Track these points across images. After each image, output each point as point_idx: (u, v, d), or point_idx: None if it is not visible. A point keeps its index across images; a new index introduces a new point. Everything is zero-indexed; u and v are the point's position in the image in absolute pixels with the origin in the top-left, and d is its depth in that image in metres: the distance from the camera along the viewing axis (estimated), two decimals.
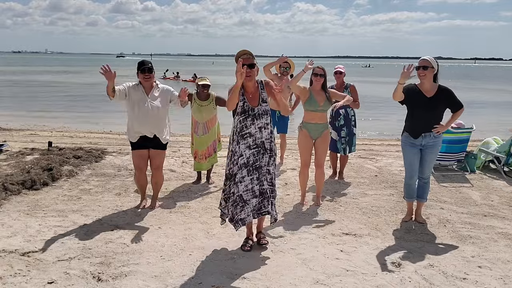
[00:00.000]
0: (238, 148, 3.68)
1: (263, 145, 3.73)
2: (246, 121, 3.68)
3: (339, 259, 3.63)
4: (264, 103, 3.73)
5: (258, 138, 3.71)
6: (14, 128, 11.04)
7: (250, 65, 3.62)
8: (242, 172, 3.65)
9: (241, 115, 3.70)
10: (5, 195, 5.01)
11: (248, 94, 3.72)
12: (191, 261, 3.55)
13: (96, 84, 32.35)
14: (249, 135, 3.69)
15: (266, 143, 3.74)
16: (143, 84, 4.58)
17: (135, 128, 4.60)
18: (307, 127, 4.89)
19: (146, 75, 4.51)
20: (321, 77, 4.87)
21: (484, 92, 30.11)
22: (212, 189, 5.64)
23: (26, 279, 3.20)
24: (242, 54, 3.66)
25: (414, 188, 4.50)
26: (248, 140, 3.69)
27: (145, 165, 4.78)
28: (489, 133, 8.65)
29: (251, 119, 3.68)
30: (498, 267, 3.56)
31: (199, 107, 5.60)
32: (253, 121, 3.69)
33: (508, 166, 6.74)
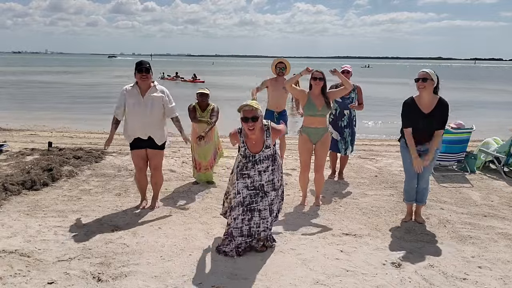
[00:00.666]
0: (237, 185, 3.67)
1: (262, 188, 3.70)
2: (246, 164, 3.67)
3: (339, 259, 3.63)
4: (267, 149, 3.67)
5: (257, 181, 3.68)
6: (14, 128, 11.04)
7: (253, 118, 3.52)
8: (239, 209, 3.66)
9: (242, 157, 3.69)
10: (5, 195, 5.01)
11: (250, 141, 3.66)
12: (191, 261, 3.55)
13: (96, 84, 32.38)
14: (247, 176, 3.68)
15: (266, 186, 3.70)
16: (140, 85, 4.55)
17: (129, 130, 4.63)
18: (307, 132, 4.86)
19: (143, 75, 4.49)
20: (320, 80, 4.81)
21: (484, 92, 30.10)
22: (212, 189, 5.64)
23: (26, 279, 3.20)
24: (243, 107, 3.55)
25: (414, 191, 4.50)
26: (246, 180, 3.68)
27: (144, 165, 4.79)
28: (489, 133, 8.65)
29: (252, 164, 3.67)
30: (498, 267, 3.56)
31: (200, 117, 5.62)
32: (254, 166, 3.67)
33: (508, 166, 6.74)
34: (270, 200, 3.74)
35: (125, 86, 4.63)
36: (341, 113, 5.95)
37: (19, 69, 58.26)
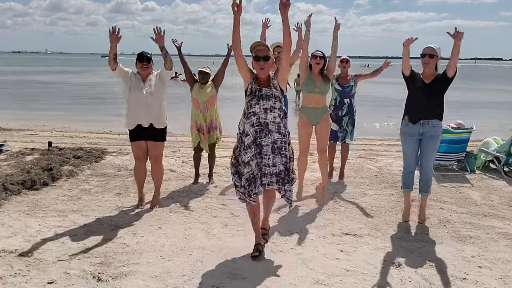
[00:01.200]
0: (243, 128, 3.58)
1: (267, 126, 3.55)
2: (251, 102, 3.57)
3: (339, 259, 3.63)
4: (274, 89, 3.56)
5: (262, 118, 3.55)
6: (14, 128, 11.04)
7: (265, 57, 3.49)
8: (252, 151, 3.53)
9: (247, 97, 3.61)
10: (5, 195, 5.01)
11: (258, 81, 3.60)
12: (191, 261, 3.55)
13: (96, 84, 32.38)
14: (253, 114, 3.56)
15: (271, 125, 3.55)
16: (141, 73, 4.68)
17: (131, 116, 4.68)
18: (305, 112, 4.84)
19: (144, 64, 4.62)
20: (320, 59, 4.81)
21: (484, 92, 30.12)
22: (212, 189, 5.64)
23: (26, 279, 3.20)
24: (256, 46, 3.52)
25: (412, 178, 4.50)
26: (252, 118, 3.56)
27: (144, 156, 4.83)
28: (489, 133, 8.65)
29: (257, 99, 3.55)
30: (498, 267, 3.56)
31: (199, 89, 5.78)
32: (258, 101, 3.54)
33: (508, 166, 6.74)
34: (273, 139, 3.58)
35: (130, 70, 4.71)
36: (341, 102, 5.95)
37: (19, 68, 58.26)
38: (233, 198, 5.27)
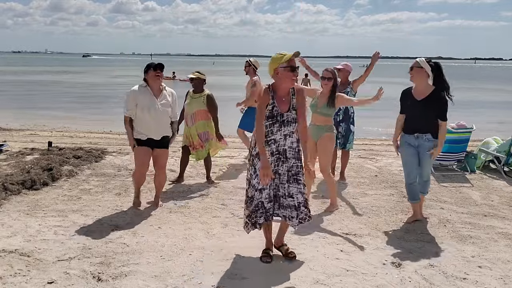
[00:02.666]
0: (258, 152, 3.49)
1: (284, 152, 3.53)
2: (272, 127, 3.49)
3: (339, 259, 3.63)
4: (294, 111, 3.52)
5: (281, 145, 3.52)
6: (14, 128, 11.04)
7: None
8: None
9: (268, 120, 3.50)
10: (5, 195, 5.01)
11: (279, 98, 3.52)
12: (191, 261, 3.55)
13: (96, 84, 32.38)
14: (273, 142, 3.51)
15: (289, 151, 3.53)
16: (152, 85, 4.57)
17: (143, 130, 4.64)
18: (310, 128, 4.69)
19: (158, 73, 4.53)
20: (328, 80, 4.74)
21: (484, 92, 30.11)
22: (212, 189, 5.64)
23: (26, 279, 3.20)
24: (292, 56, 3.45)
25: (417, 189, 4.50)
26: (271, 146, 3.51)
27: (148, 161, 4.79)
28: (489, 133, 8.65)
29: (278, 125, 3.49)
30: (498, 267, 3.56)
31: (191, 99, 5.68)
32: (280, 128, 3.49)
33: (508, 166, 6.74)
34: (289, 165, 3.54)
35: (133, 87, 4.62)
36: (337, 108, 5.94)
37: (19, 68, 58.25)
38: (233, 198, 5.28)
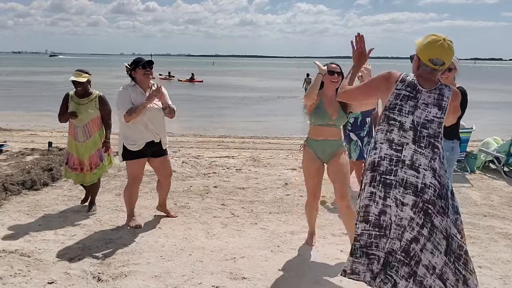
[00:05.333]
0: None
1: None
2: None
3: (339, 259, 3.63)
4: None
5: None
6: (14, 128, 11.04)
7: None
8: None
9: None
10: (5, 195, 5.01)
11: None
12: (191, 261, 3.55)
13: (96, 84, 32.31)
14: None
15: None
16: (141, 84, 4.12)
17: (138, 135, 4.11)
18: (313, 146, 3.61)
19: (147, 71, 4.09)
20: (338, 75, 3.52)
21: (484, 92, 30.09)
22: (212, 189, 5.63)
23: (26, 279, 3.20)
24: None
25: None
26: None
27: (142, 175, 4.38)
28: (489, 133, 8.65)
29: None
30: (498, 267, 3.56)
31: (76, 105, 4.55)
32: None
33: (508, 166, 6.74)
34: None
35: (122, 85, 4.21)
36: (363, 122, 5.30)
37: (19, 69, 58.23)
38: (233, 198, 5.28)
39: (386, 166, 2.50)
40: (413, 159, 2.46)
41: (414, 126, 2.47)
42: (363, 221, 2.58)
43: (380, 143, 2.55)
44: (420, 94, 2.49)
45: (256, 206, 4.96)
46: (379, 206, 2.52)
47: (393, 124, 2.51)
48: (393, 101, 2.52)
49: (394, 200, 2.47)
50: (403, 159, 2.47)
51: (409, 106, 2.48)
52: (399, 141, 2.49)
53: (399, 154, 2.48)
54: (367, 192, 2.57)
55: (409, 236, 2.44)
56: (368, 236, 2.56)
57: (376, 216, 2.52)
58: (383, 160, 2.52)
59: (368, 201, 2.56)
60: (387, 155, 2.51)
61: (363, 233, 2.58)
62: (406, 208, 2.44)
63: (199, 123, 13.38)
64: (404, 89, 2.51)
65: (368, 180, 2.57)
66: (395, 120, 2.50)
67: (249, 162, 7.20)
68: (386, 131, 2.54)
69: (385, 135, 2.54)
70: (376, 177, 2.53)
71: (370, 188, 2.55)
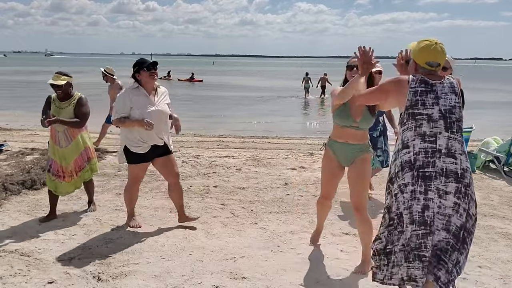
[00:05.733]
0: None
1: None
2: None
3: (339, 259, 3.63)
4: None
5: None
6: (14, 128, 11.04)
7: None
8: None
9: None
10: (5, 195, 5.01)
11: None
12: (191, 261, 3.55)
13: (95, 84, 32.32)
14: None
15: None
16: (146, 85, 3.97)
17: (144, 138, 3.96)
18: (333, 147, 3.42)
19: (152, 72, 3.94)
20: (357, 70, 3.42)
21: (484, 92, 30.09)
22: (212, 189, 5.63)
23: (26, 279, 3.20)
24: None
25: None
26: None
27: (144, 176, 4.33)
28: (489, 133, 8.65)
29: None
30: (498, 267, 3.56)
31: (57, 109, 4.36)
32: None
33: (508, 166, 6.74)
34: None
35: (123, 89, 4.05)
36: (376, 121, 4.94)
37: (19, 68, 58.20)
38: (233, 198, 5.28)
39: (422, 160, 2.54)
40: (449, 146, 2.55)
41: (443, 114, 2.57)
42: (410, 223, 2.54)
43: (412, 141, 2.59)
44: (435, 87, 2.63)
45: (256, 206, 4.97)
46: (421, 202, 2.51)
47: (421, 119, 2.58)
48: (413, 98, 2.61)
49: (436, 191, 2.51)
50: (439, 148, 2.54)
51: (431, 99, 2.59)
52: (431, 132, 2.56)
53: (434, 144, 2.54)
54: (408, 192, 2.55)
55: (458, 221, 2.54)
56: (417, 237, 2.53)
57: (419, 213, 2.51)
58: (418, 155, 2.55)
59: (411, 201, 2.54)
60: (422, 149, 2.55)
61: (412, 236, 2.54)
62: (449, 196, 2.52)
63: (199, 123, 13.39)
64: (418, 86, 2.62)
65: (408, 180, 2.55)
66: (421, 115, 2.58)
67: (249, 162, 7.20)
68: (415, 127, 2.59)
69: (414, 131, 2.59)
70: (414, 174, 2.54)
71: (410, 187, 2.54)
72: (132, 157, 4.04)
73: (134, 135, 3.98)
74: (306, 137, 10.76)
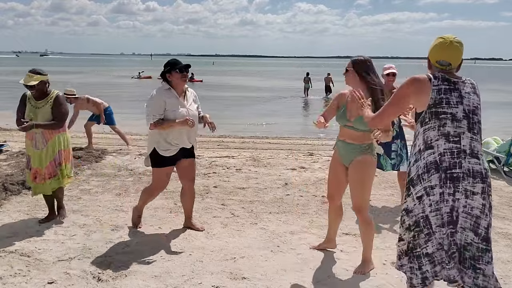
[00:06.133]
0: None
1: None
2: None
3: (339, 259, 3.63)
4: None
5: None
6: (14, 128, 11.00)
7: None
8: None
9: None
10: (5, 195, 5.02)
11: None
12: (191, 261, 3.55)
13: (96, 84, 32.35)
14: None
15: None
16: (176, 87, 3.89)
17: (173, 140, 3.88)
18: (338, 146, 3.51)
19: (184, 75, 3.88)
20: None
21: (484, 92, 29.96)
22: (212, 189, 5.63)
23: (26, 279, 3.20)
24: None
25: None
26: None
27: (168, 182, 4.16)
28: (489, 133, 8.65)
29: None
30: (498, 267, 3.55)
31: (33, 109, 4.17)
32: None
33: (508, 166, 6.74)
34: None
35: (154, 91, 3.93)
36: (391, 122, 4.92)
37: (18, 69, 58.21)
38: (233, 198, 5.28)
39: (449, 161, 2.45)
40: (472, 147, 2.48)
41: (467, 114, 2.49)
42: (441, 225, 2.47)
43: (435, 141, 2.49)
44: (458, 85, 2.53)
45: (256, 206, 4.97)
46: (449, 203, 2.45)
47: (445, 118, 2.48)
48: (437, 96, 2.49)
49: (464, 192, 2.45)
50: (463, 149, 2.46)
51: (455, 97, 2.49)
52: (455, 132, 2.47)
53: (458, 145, 2.46)
54: (436, 195, 2.46)
55: (485, 223, 2.48)
56: (447, 237, 2.49)
57: (448, 214, 2.47)
58: (443, 156, 2.46)
59: (440, 203, 2.46)
60: (447, 149, 2.46)
61: (443, 237, 2.49)
62: (476, 197, 2.45)
63: None
64: (441, 83, 2.51)
65: (436, 182, 2.45)
66: (446, 113, 2.47)
67: (249, 162, 7.20)
68: (439, 126, 2.48)
69: (438, 131, 2.48)
70: (442, 175, 2.45)
71: (438, 189, 2.45)
72: (159, 160, 3.94)
73: (165, 138, 3.87)
74: (306, 137, 10.76)
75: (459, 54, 2.55)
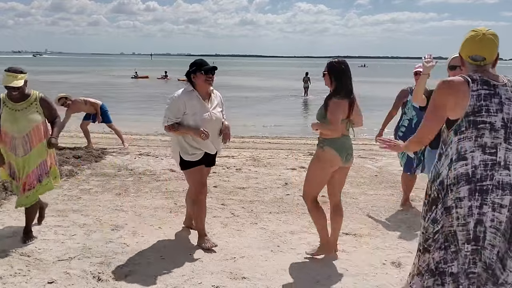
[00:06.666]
0: None
1: None
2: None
3: (339, 259, 3.63)
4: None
5: None
6: None
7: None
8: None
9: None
10: (5, 195, 5.02)
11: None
12: (191, 261, 3.55)
13: (96, 84, 32.37)
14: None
15: None
16: (200, 90, 3.70)
17: (199, 145, 3.71)
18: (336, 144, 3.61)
19: (209, 77, 3.69)
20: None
21: None
22: (212, 189, 5.63)
23: (26, 279, 3.20)
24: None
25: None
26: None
27: (206, 180, 4.00)
28: None
29: None
30: None
31: (12, 112, 3.71)
32: None
33: None
34: None
35: (176, 92, 3.73)
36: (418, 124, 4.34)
37: None
38: (233, 198, 5.28)
39: (481, 174, 2.28)
40: (506, 158, 2.29)
41: (505, 123, 2.28)
42: (467, 241, 2.31)
43: (470, 152, 2.28)
44: (498, 89, 2.29)
45: (256, 206, 4.97)
46: (475, 217, 2.29)
47: (484, 128, 2.26)
48: (476, 103, 2.25)
49: (491, 205, 2.28)
50: (498, 161, 2.28)
51: (495, 104, 2.26)
52: (492, 144, 2.27)
53: (494, 157, 2.28)
54: (465, 208, 2.29)
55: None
56: (471, 253, 2.33)
57: (473, 229, 2.30)
58: (476, 168, 2.28)
59: (468, 217, 2.30)
60: (482, 161, 2.28)
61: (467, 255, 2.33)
62: (504, 210, 2.29)
63: None
64: (481, 88, 2.27)
65: (464, 194, 2.29)
66: (485, 123, 2.26)
67: (249, 162, 7.20)
68: (476, 137, 2.27)
69: (475, 142, 2.27)
70: (472, 188, 2.28)
71: (467, 202, 2.29)
72: (188, 164, 3.75)
73: (188, 143, 3.71)
74: (306, 137, 10.75)
75: (493, 47, 2.35)
